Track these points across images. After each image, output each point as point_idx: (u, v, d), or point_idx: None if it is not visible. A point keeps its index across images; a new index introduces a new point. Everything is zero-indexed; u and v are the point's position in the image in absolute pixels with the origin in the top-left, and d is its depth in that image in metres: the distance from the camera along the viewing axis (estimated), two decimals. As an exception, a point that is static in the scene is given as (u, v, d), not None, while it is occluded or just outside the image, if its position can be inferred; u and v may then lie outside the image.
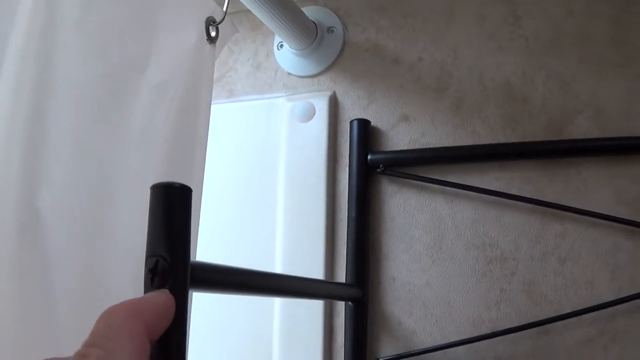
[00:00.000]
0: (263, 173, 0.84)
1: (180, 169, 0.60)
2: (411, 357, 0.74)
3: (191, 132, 0.63)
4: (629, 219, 0.71)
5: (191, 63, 0.64)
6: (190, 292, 0.37)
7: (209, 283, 0.43)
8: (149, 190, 0.36)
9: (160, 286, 0.35)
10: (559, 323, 0.72)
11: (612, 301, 0.70)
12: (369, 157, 0.78)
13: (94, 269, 0.51)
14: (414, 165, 0.78)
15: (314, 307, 0.77)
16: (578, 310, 0.71)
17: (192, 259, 0.38)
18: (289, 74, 0.89)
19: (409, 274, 0.77)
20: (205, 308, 0.80)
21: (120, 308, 0.31)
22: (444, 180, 0.77)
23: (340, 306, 0.78)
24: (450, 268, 0.76)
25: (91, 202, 0.51)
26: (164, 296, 0.34)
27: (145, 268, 0.36)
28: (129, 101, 0.56)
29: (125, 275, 0.52)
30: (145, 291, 0.35)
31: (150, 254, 0.36)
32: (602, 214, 0.72)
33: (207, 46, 0.67)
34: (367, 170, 0.78)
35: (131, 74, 0.57)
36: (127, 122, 0.56)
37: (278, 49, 0.90)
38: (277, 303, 0.79)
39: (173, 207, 0.36)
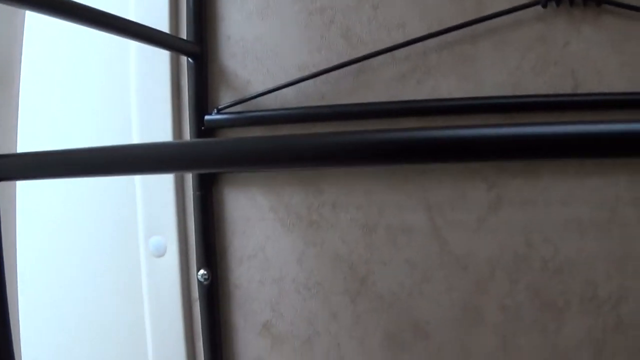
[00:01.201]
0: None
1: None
2: (246, 102, 0.84)
3: None
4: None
5: None
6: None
7: None
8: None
9: None
10: (375, 62, 0.81)
11: (421, 37, 0.79)
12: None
13: None
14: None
15: (161, 69, 0.87)
16: (391, 47, 0.80)
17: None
18: None
19: (242, 31, 0.86)
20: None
21: None
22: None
23: (185, 66, 0.87)
24: (277, 23, 0.84)
25: None
26: None
27: None
28: None
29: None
30: None
31: None
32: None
33: None
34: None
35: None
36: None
37: None
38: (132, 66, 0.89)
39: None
